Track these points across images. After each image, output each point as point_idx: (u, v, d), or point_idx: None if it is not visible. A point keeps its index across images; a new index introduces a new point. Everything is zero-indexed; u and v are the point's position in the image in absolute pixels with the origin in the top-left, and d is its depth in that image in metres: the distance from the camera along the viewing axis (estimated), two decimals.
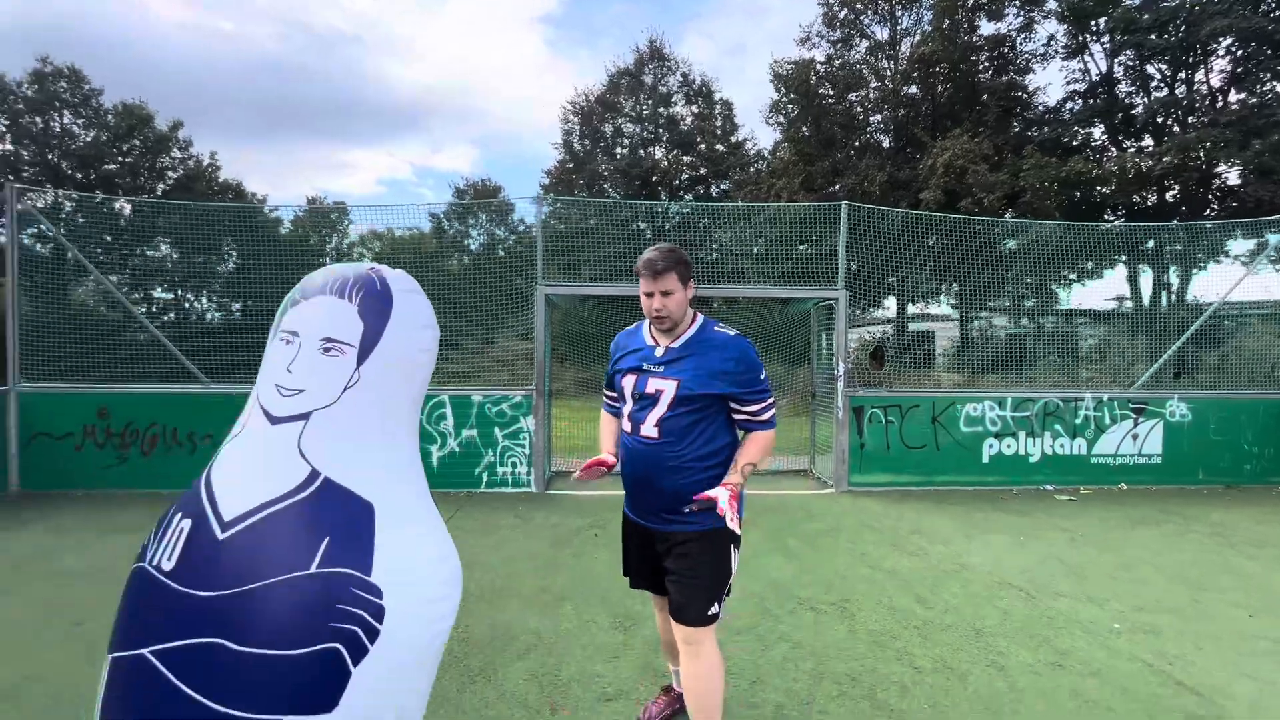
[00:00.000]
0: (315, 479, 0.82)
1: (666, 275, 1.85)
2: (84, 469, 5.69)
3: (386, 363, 0.89)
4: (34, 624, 3.05)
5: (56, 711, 2.31)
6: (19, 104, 21.90)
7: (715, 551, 1.87)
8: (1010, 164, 13.49)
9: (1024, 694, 2.49)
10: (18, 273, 5.83)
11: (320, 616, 0.74)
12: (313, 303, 0.92)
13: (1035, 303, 10.09)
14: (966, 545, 4.44)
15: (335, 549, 0.77)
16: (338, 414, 0.85)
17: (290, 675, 0.73)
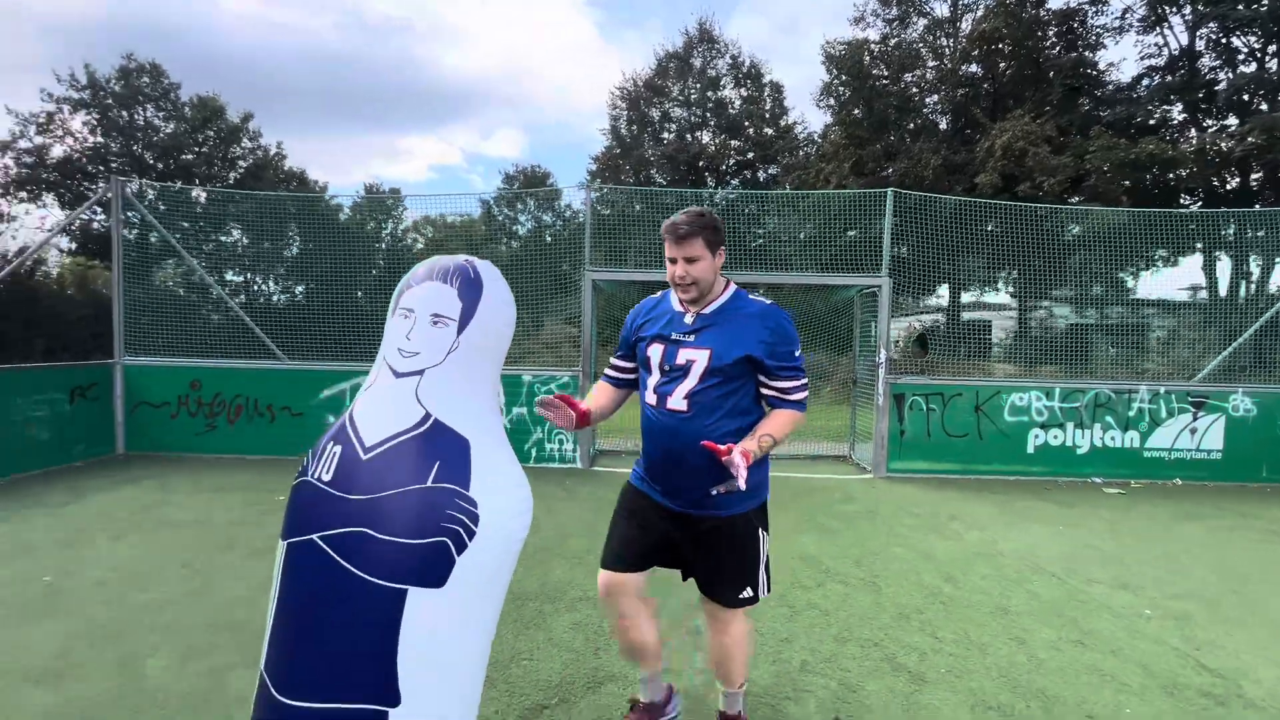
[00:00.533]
0: (428, 419, 1.07)
1: (691, 240, 1.71)
2: (179, 435, 6.33)
3: (479, 333, 1.16)
4: (150, 563, 3.53)
5: (175, 634, 2.72)
6: (108, 99, 23.53)
7: (742, 535, 1.80)
8: (1075, 146, 12.88)
9: (1042, 666, 2.61)
10: (124, 258, 6.48)
11: (434, 517, 1.00)
12: (423, 286, 1.18)
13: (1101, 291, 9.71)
14: (1004, 531, 4.49)
15: (444, 470, 1.03)
16: (444, 371, 1.12)
17: (413, 557, 0.99)
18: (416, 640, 1.00)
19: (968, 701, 2.33)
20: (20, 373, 5.45)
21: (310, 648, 1.02)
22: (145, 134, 24.51)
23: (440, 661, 1.03)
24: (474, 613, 1.06)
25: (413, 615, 0.99)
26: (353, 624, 1.00)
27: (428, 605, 1.00)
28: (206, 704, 2.21)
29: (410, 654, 0.99)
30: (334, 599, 1.01)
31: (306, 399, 6.30)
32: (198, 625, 2.79)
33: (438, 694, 1.03)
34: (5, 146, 20.01)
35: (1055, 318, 10.18)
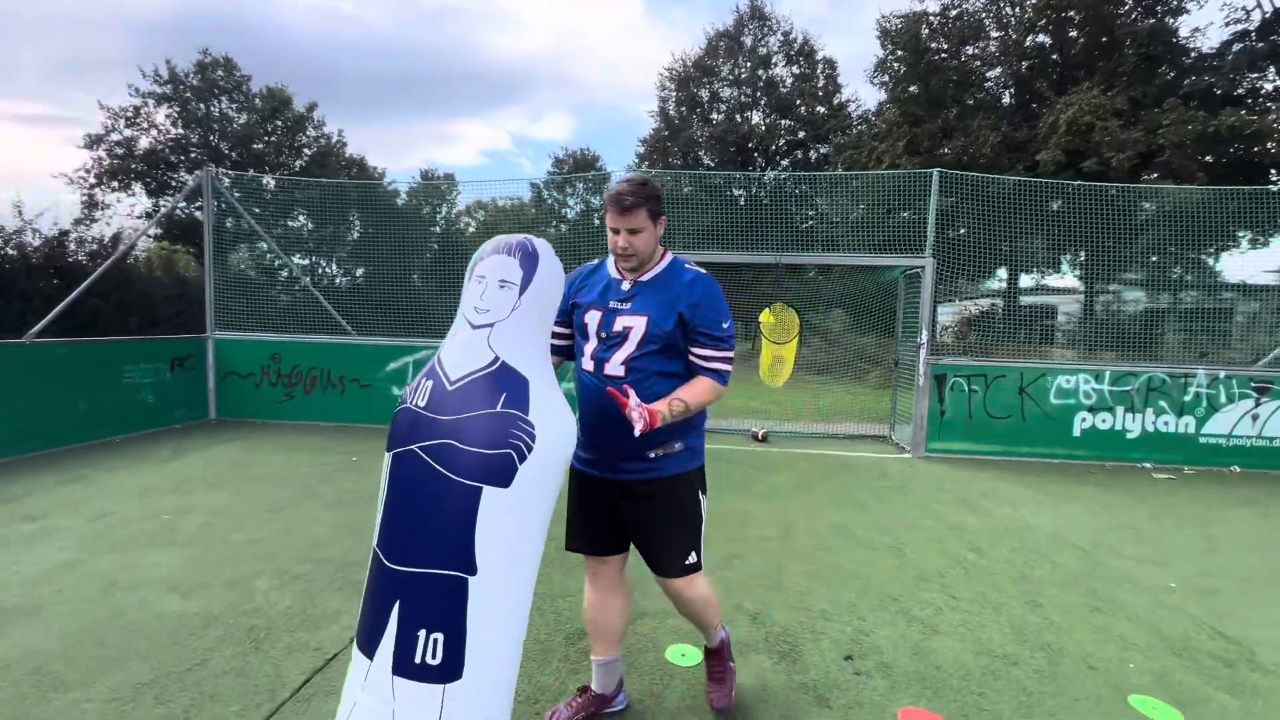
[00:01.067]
0: (496, 361, 1.41)
1: (635, 212, 1.71)
2: (262, 403, 6.99)
3: (534, 295, 1.48)
4: (245, 508, 4.04)
5: (272, 563, 3.18)
6: (188, 93, 25.09)
7: (681, 497, 1.82)
8: (1147, 119, 12.17)
9: (1053, 625, 2.75)
10: (213, 242, 7.14)
11: (502, 434, 1.32)
12: (493, 258, 1.51)
13: (1177, 274, 9.26)
14: (1036, 510, 4.55)
15: (509, 400, 1.36)
16: (508, 324, 1.45)
17: (487, 463, 1.32)
18: (489, 526, 1.32)
19: (973, 649, 2.52)
20: (130, 344, 6.15)
21: (411, 528, 1.36)
22: (221, 125, 26.08)
23: (506, 544, 1.35)
24: (531, 509, 1.38)
25: (486, 507, 1.31)
26: (443, 511, 1.33)
27: (497, 500, 1.32)
28: (302, 618, 2.62)
29: (485, 536, 1.31)
30: (430, 492, 1.34)
31: (373, 372, 6.83)
32: (289, 557, 3.24)
33: (504, 568, 1.35)
34: (99, 140, 21.68)
35: (1124, 302, 9.77)
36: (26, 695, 2.04)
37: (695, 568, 1.85)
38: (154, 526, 3.64)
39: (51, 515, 3.78)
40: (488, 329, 1.42)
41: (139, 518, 3.78)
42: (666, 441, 1.78)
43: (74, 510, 3.89)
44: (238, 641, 2.41)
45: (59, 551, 3.23)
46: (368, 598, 1.43)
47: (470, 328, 1.45)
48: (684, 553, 1.83)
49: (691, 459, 1.85)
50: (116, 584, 2.87)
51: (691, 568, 1.84)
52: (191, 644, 2.38)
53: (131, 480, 4.59)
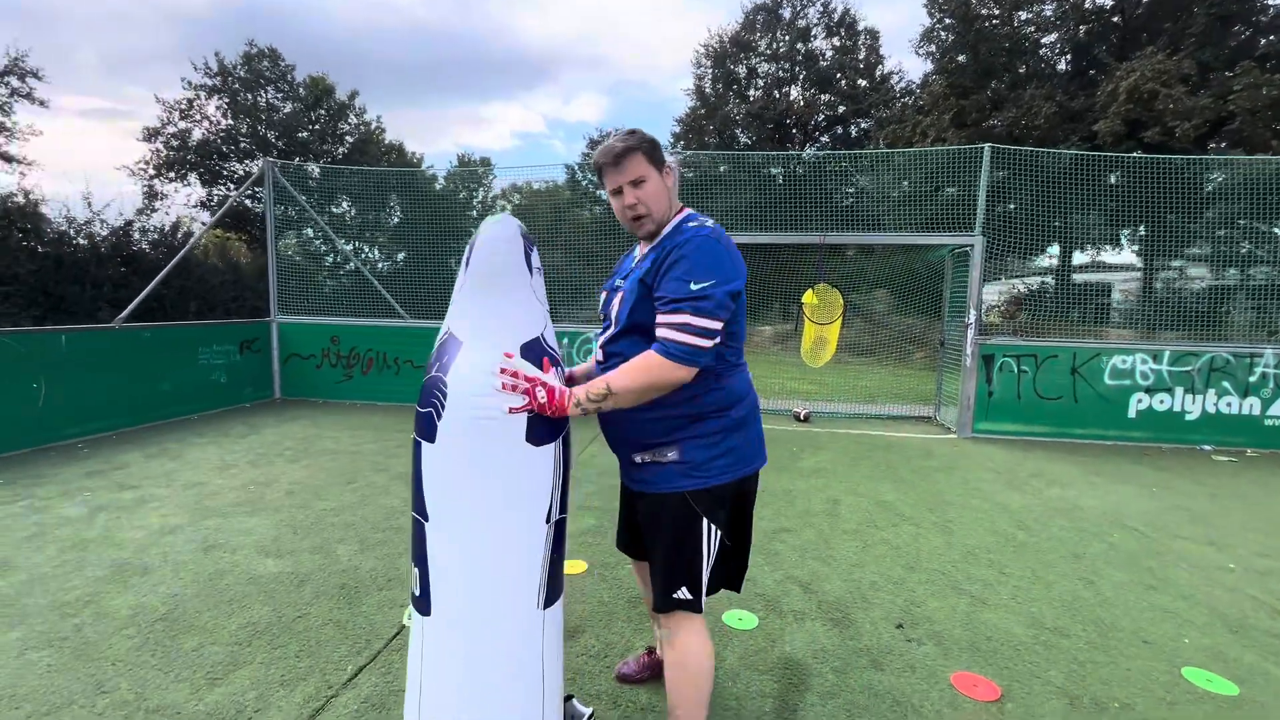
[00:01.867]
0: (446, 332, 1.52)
1: (630, 158, 1.47)
2: (323, 383, 7.36)
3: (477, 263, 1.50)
4: (322, 479, 4.33)
5: (353, 530, 3.43)
6: (236, 84, 25.88)
7: (671, 521, 1.50)
8: (1217, 84, 11.48)
9: (1106, 601, 2.78)
10: (274, 229, 7.49)
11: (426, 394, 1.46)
12: None
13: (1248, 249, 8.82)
14: (1087, 490, 4.51)
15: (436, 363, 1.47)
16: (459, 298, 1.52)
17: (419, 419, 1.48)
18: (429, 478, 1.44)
19: (1024, 621, 2.58)
20: (204, 328, 6.55)
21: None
22: (268, 115, 26.88)
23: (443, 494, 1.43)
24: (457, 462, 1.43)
25: (426, 460, 1.45)
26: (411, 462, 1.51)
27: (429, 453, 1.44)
28: (386, 579, 2.85)
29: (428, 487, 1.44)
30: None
31: (427, 353, 7.07)
32: (368, 525, 3.49)
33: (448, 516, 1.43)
34: (156, 133, 22.63)
35: (1187, 279, 9.36)
36: (159, 639, 2.30)
37: (682, 605, 1.50)
38: (242, 496, 3.95)
39: (147, 485, 4.14)
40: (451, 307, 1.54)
41: (227, 488, 4.11)
42: (656, 447, 1.49)
43: (167, 481, 4.24)
44: (331, 598, 2.65)
45: (161, 517, 3.55)
46: None
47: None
48: (666, 581, 1.51)
49: (689, 475, 1.47)
50: (216, 546, 3.16)
51: (680, 603, 1.50)
52: (291, 599, 2.63)
53: (214, 454, 4.95)
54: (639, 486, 1.57)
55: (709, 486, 1.49)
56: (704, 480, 1.49)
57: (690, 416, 1.48)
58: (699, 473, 1.49)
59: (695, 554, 1.50)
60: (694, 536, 1.49)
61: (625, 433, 1.54)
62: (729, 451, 1.51)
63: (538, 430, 1.43)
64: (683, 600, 1.51)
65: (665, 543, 1.52)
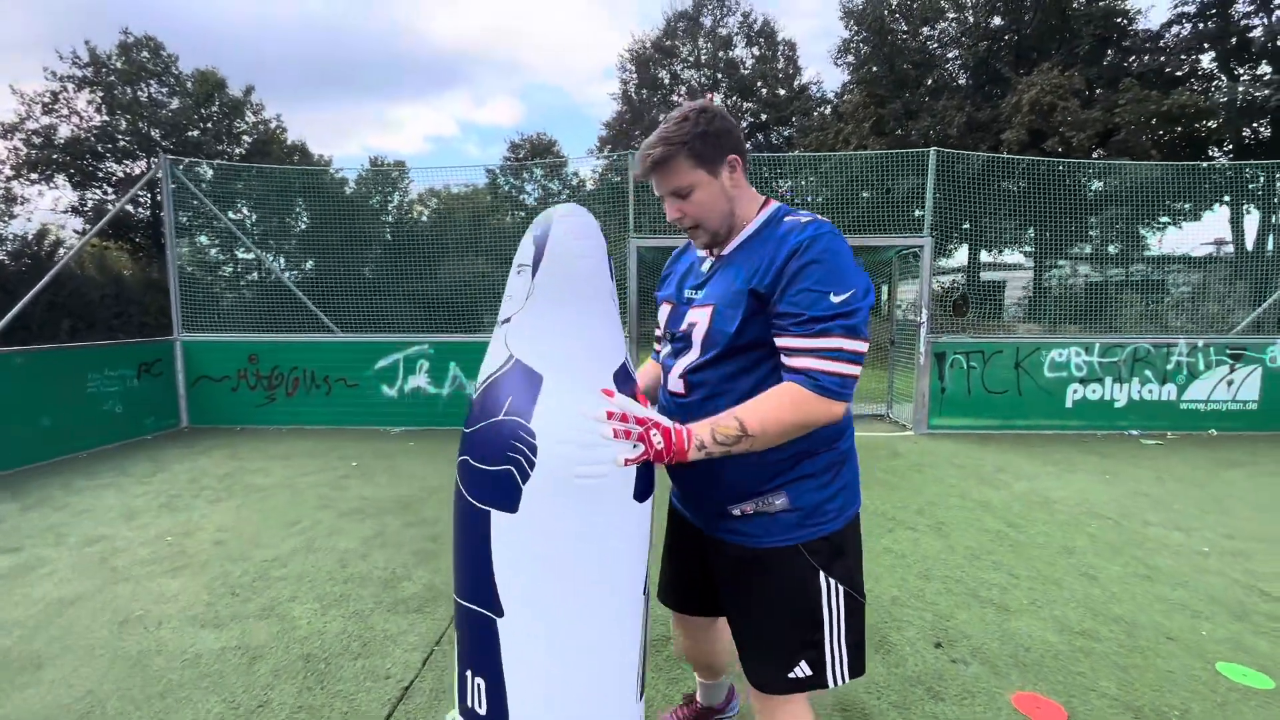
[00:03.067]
0: (510, 360, 1.16)
1: (670, 166, 1.21)
2: (240, 408, 6.54)
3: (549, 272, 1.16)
4: (257, 523, 3.75)
5: (306, 584, 2.94)
6: (111, 76, 23.22)
7: (785, 579, 1.24)
8: (1104, 99, 12.65)
9: (1115, 597, 2.80)
10: (174, 237, 6.60)
11: (499, 445, 1.09)
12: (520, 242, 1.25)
13: (1122, 248, 9.72)
14: (1052, 482, 4.66)
15: (514, 403, 1.10)
16: (525, 315, 1.17)
17: (491, 483, 1.10)
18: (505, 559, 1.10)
19: (1054, 627, 2.53)
20: (94, 350, 5.63)
21: (456, 555, 1.20)
22: (151, 111, 24.30)
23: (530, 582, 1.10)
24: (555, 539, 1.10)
25: (499, 536, 1.09)
26: (465, 537, 1.15)
27: (509, 528, 1.09)
28: (361, 643, 2.42)
29: (504, 572, 1.10)
30: (459, 515, 1.18)
31: (361, 370, 6.48)
32: (324, 576, 3.01)
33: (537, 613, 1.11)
34: (14, 129, 19.92)
35: (1077, 275, 10.19)
36: None
37: (802, 685, 1.25)
38: (158, 550, 3.33)
39: (30, 546, 3.41)
40: (507, 324, 1.19)
41: (137, 541, 3.45)
42: (760, 495, 1.22)
43: (55, 538, 3.52)
44: (296, 677, 2.20)
45: (53, 587, 2.91)
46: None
47: (498, 325, 1.23)
48: (785, 659, 1.25)
49: (804, 524, 1.23)
50: (133, 620, 2.59)
51: (796, 683, 1.25)
52: (244, 683, 2.16)
53: (114, 499, 4.20)
54: (733, 539, 1.28)
55: (828, 534, 1.24)
56: (821, 528, 1.24)
57: (802, 454, 1.22)
58: (815, 519, 1.24)
59: (814, 619, 1.24)
60: (811, 597, 1.24)
61: (718, 480, 1.25)
62: (843, 489, 1.27)
63: (641, 482, 1.14)
64: (802, 679, 1.24)
65: (770, 609, 1.26)
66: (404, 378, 6.47)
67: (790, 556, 1.23)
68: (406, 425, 6.45)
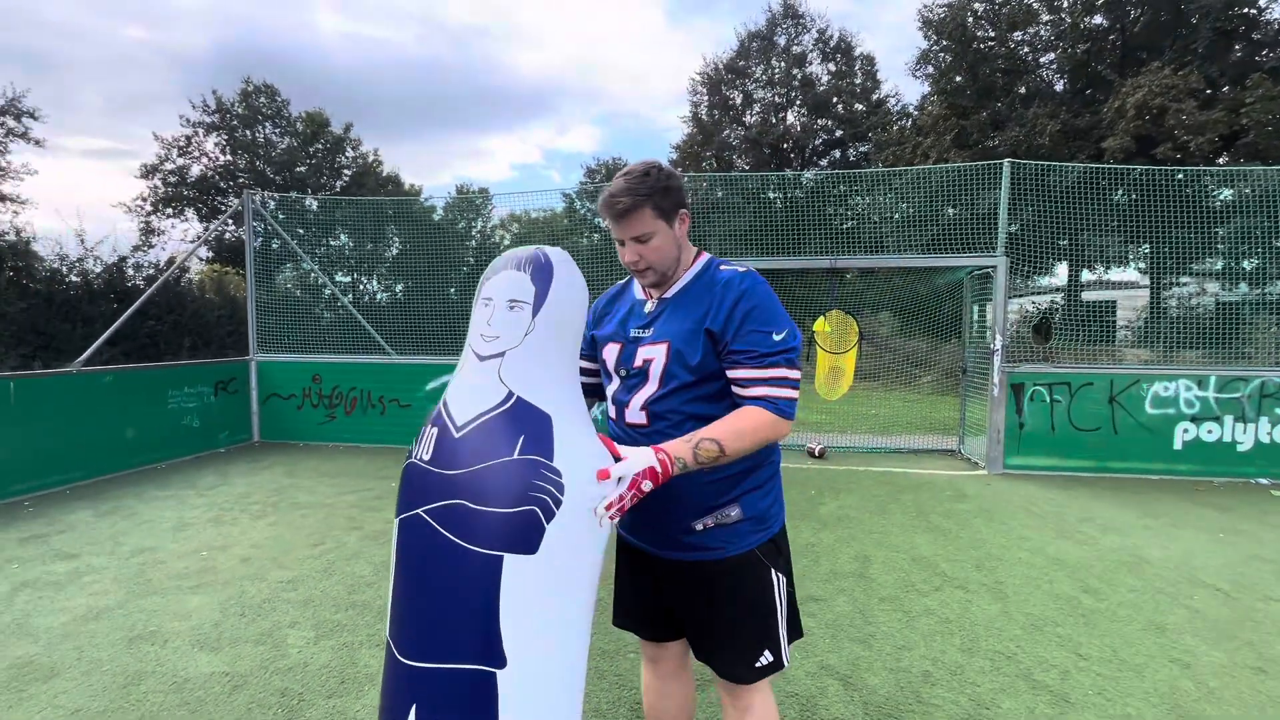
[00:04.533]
0: (511, 398, 1.14)
1: (636, 215, 1.31)
2: (304, 425, 6.91)
3: (551, 313, 1.21)
4: (286, 542, 3.85)
5: (310, 610, 2.95)
6: (234, 120, 26.00)
7: (748, 582, 1.37)
8: (1228, 99, 11.24)
9: (1213, 694, 2.28)
10: (254, 264, 7.13)
11: (521, 487, 1.06)
12: (500, 275, 1.25)
13: (1259, 264, 8.46)
14: (1148, 537, 4.01)
15: (529, 443, 1.09)
16: (522, 352, 1.18)
17: (506, 526, 1.05)
18: (515, 605, 1.04)
19: None
20: (175, 369, 6.13)
21: (422, 613, 1.09)
22: (265, 150, 26.95)
23: (540, 625, 1.07)
24: (569, 577, 1.11)
25: (510, 581, 1.04)
26: (457, 590, 1.06)
27: (523, 571, 1.04)
28: (339, 680, 2.36)
29: (511, 618, 1.04)
30: (439, 567, 1.08)
31: (413, 391, 6.68)
32: (329, 602, 3.01)
33: (541, 657, 1.08)
34: (154, 170, 22.62)
35: (1203, 294, 8.98)
36: None
37: (766, 670, 1.37)
38: (191, 564, 3.47)
39: (87, 554, 3.66)
40: (498, 359, 1.17)
41: (177, 554, 3.63)
42: (717, 509, 1.33)
43: (111, 547, 3.76)
44: (268, 710, 2.16)
45: (91, 597, 3.08)
46: (382, 698, 1.18)
47: (478, 360, 1.20)
48: (753, 652, 1.36)
49: (756, 530, 1.36)
50: (144, 636, 2.68)
51: (765, 669, 1.37)
52: (219, 712, 2.15)
53: (173, 511, 4.47)
54: (695, 555, 1.36)
55: (773, 536, 1.40)
56: (768, 531, 1.39)
57: (748, 469, 1.36)
58: (763, 525, 1.38)
59: (770, 611, 1.39)
60: (767, 593, 1.38)
61: (679, 501, 1.34)
62: (778, 496, 1.44)
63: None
64: (766, 665, 1.38)
65: (738, 611, 1.38)
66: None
67: (750, 561, 1.36)
68: None
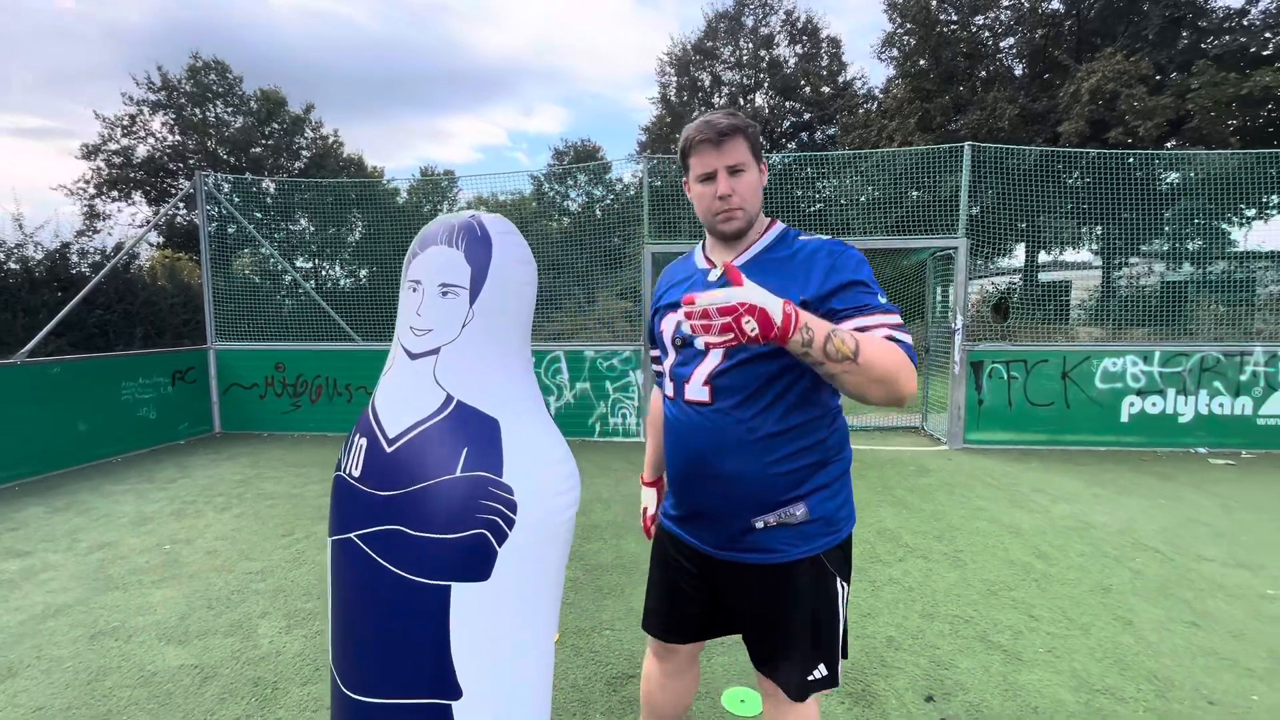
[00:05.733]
0: (450, 402, 1.00)
1: (733, 141, 1.20)
2: (267, 414, 6.74)
3: (493, 298, 1.04)
4: (254, 533, 3.79)
5: (280, 600, 2.92)
6: (182, 98, 24.77)
7: (806, 592, 1.25)
8: (1175, 84, 11.66)
9: (1152, 647, 2.44)
10: (211, 248, 6.87)
11: (468, 508, 0.94)
12: (428, 252, 1.07)
13: (1201, 245, 8.85)
14: (1095, 504, 4.23)
15: (473, 457, 0.96)
16: (460, 346, 1.02)
17: (451, 552, 0.94)
18: (468, 635, 0.96)
19: (1070, 682, 2.22)
20: (128, 359, 5.90)
21: (366, 646, 1.01)
22: (218, 130, 25.77)
23: (497, 653, 0.99)
24: (526, 601, 1.01)
25: (460, 610, 0.95)
26: (401, 622, 0.97)
27: (474, 599, 0.95)
28: (313, 668, 2.36)
29: (464, 648, 0.96)
30: (380, 598, 0.98)
31: (379, 378, 6.55)
32: (299, 592, 2.98)
33: (500, 686, 1.00)
34: (96, 150, 21.47)
35: (1150, 274, 9.36)
36: None
37: (825, 683, 1.28)
38: (154, 559, 3.39)
39: (41, 550, 3.54)
40: (432, 357, 1.02)
41: (139, 549, 3.53)
42: (782, 506, 1.20)
43: (68, 544, 3.64)
44: (241, 700, 2.15)
45: (47, 595, 2.98)
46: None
47: (408, 358, 1.05)
48: (807, 665, 1.26)
49: (824, 534, 1.23)
50: (106, 632, 2.62)
51: (818, 683, 1.27)
52: (190, 705, 2.12)
53: (132, 505, 4.34)
54: (755, 557, 1.24)
55: (841, 542, 1.27)
56: (837, 536, 1.26)
57: (818, 463, 1.24)
58: (832, 528, 1.25)
59: (833, 623, 1.27)
60: (831, 603, 1.26)
61: (743, 490, 1.22)
62: (848, 498, 1.30)
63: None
64: (820, 679, 1.27)
65: (799, 620, 1.26)
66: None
67: (815, 566, 1.24)
68: None
